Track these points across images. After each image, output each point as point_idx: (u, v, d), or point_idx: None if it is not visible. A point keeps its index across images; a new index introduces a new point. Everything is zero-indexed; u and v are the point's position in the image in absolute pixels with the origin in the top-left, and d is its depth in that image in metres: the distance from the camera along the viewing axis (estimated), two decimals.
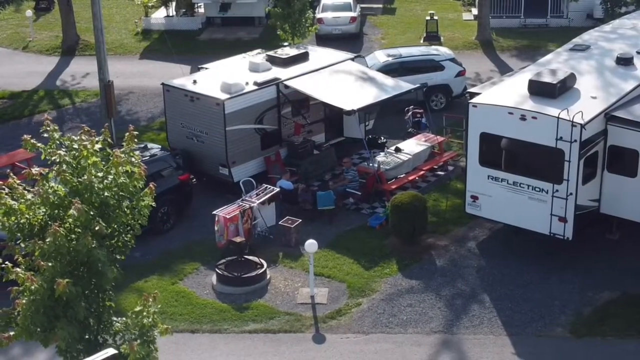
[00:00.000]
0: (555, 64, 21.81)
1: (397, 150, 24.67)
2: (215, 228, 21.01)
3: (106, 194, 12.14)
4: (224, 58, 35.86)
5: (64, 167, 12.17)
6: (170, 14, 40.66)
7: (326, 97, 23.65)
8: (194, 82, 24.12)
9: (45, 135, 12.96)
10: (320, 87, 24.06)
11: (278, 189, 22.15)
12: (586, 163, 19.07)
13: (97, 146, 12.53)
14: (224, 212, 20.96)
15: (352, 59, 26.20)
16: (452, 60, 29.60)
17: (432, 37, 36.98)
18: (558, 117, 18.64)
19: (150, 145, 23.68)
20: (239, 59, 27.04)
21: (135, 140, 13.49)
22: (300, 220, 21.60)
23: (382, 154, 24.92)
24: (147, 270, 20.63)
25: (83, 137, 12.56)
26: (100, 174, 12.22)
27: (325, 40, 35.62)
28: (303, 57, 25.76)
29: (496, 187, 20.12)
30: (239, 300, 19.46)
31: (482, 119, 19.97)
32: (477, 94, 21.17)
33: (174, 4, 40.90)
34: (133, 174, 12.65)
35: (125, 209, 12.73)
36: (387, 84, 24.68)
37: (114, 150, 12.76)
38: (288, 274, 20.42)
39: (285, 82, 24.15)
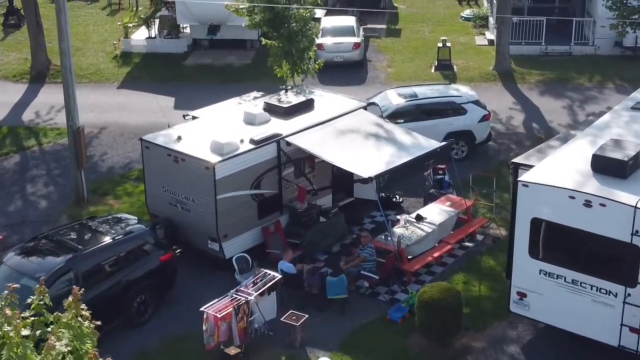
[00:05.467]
0: (615, 128, 18.06)
1: (419, 218, 20.86)
2: (204, 327, 17.12)
3: None
4: (212, 86, 32.20)
5: None
6: (153, 35, 36.66)
7: (338, 160, 19.82)
8: (179, 138, 20.21)
9: None
10: (329, 146, 20.22)
11: (279, 276, 18.26)
12: None
13: (24, 332, 8.62)
14: (214, 308, 17.07)
15: (365, 108, 22.36)
16: (476, 102, 25.78)
17: (445, 66, 33.24)
18: (635, 207, 14.89)
19: (125, 216, 19.75)
20: (232, 104, 23.15)
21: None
22: (307, 315, 17.75)
23: (401, 221, 21.09)
24: None
25: (7, 312, 8.65)
26: None
27: (326, 68, 31.66)
28: (307, 106, 21.90)
29: (550, 284, 16.35)
30: None
31: (534, 202, 16.19)
32: (524, 166, 17.35)
33: (156, 23, 36.92)
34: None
35: None
36: (407, 141, 20.83)
37: (55, 315, 8.83)
38: None
39: (287, 139, 20.30)
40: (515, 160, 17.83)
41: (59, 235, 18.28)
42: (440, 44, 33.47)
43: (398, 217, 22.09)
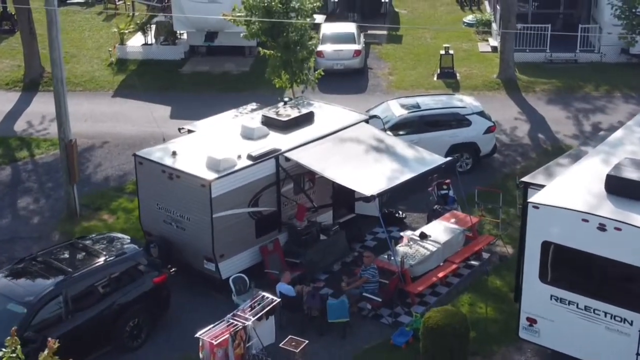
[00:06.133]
0: (629, 145, 17.29)
1: (423, 236, 20.11)
2: (200, 355, 16.34)
3: None
4: (209, 94, 31.44)
5: None
6: (149, 42, 35.88)
7: (339, 177, 19.06)
8: (173, 153, 19.45)
9: None
10: (330, 162, 19.46)
11: (278, 300, 17.48)
12: None
13: None
14: (210, 334, 16.27)
15: (366, 121, 21.60)
16: (480, 113, 25.02)
17: (447, 74, 32.50)
18: None
19: (117, 235, 19.00)
20: (229, 117, 22.41)
21: None
22: (306, 342, 16.95)
23: (405, 239, 20.34)
24: None
25: None
26: None
27: (326, 76, 30.81)
28: (307, 119, 21.14)
29: (562, 310, 15.60)
30: None
31: (545, 225, 15.44)
32: (534, 185, 16.60)
33: (153, 29, 36.16)
34: None
35: None
36: (411, 156, 20.08)
37: None
38: None
39: (286, 155, 19.55)
40: (525, 179, 17.06)
41: (48, 257, 17.53)
42: (442, 52, 32.71)
43: (401, 233, 21.39)
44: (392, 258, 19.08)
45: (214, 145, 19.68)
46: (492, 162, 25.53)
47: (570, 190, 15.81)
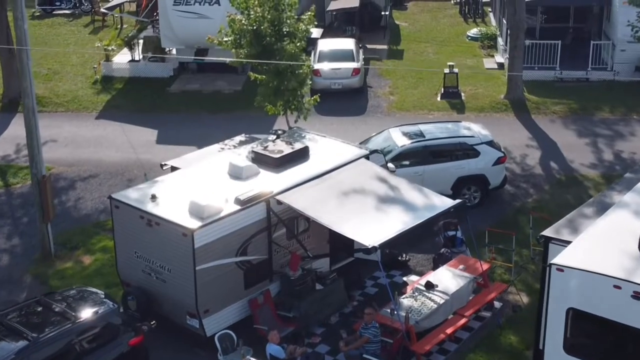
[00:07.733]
0: None
1: (429, 286, 18.21)
2: None
3: None
4: (199, 116, 29.62)
5: None
6: (137, 58, 33.98)
7: (337, 225, 17.12)
8: (153, 197, 17.54)
9: None
10: (327, 207, 17.51)
11: None
12: None
13: None
14: None
15: (367, 157, 19.68)
16: (490, 143, 23.13)
17: (451, 94, 30.66)
18: None
19: (89, 290, 17.06)
20: (216, 150, 20.56)
21: None
22: None
23: (409, 289, 18.44)
24: None
25: None
26: None
27: (323, 96, 28.87)
28: (301, 156, 19.23)
29: None
30: None
31: (571, 290, 13.56)
32: (556, 240, 14.73)
33: (140, 45, 34.28)
34: None
35: None
36: (416, 199, 18.12)
37: None
38: None
39: (278, 197, 17.66)
40: (546, 233, 15.15)
41: (10, 319, 15.61)
42: (447, 70, 30.84)
43: (404, 278, 19.58)
44: (395, 312, 17.19)
45: (199, 187, 17.81)
46: (502, 194, 23.66)
47: (598, 249, 13.92)
